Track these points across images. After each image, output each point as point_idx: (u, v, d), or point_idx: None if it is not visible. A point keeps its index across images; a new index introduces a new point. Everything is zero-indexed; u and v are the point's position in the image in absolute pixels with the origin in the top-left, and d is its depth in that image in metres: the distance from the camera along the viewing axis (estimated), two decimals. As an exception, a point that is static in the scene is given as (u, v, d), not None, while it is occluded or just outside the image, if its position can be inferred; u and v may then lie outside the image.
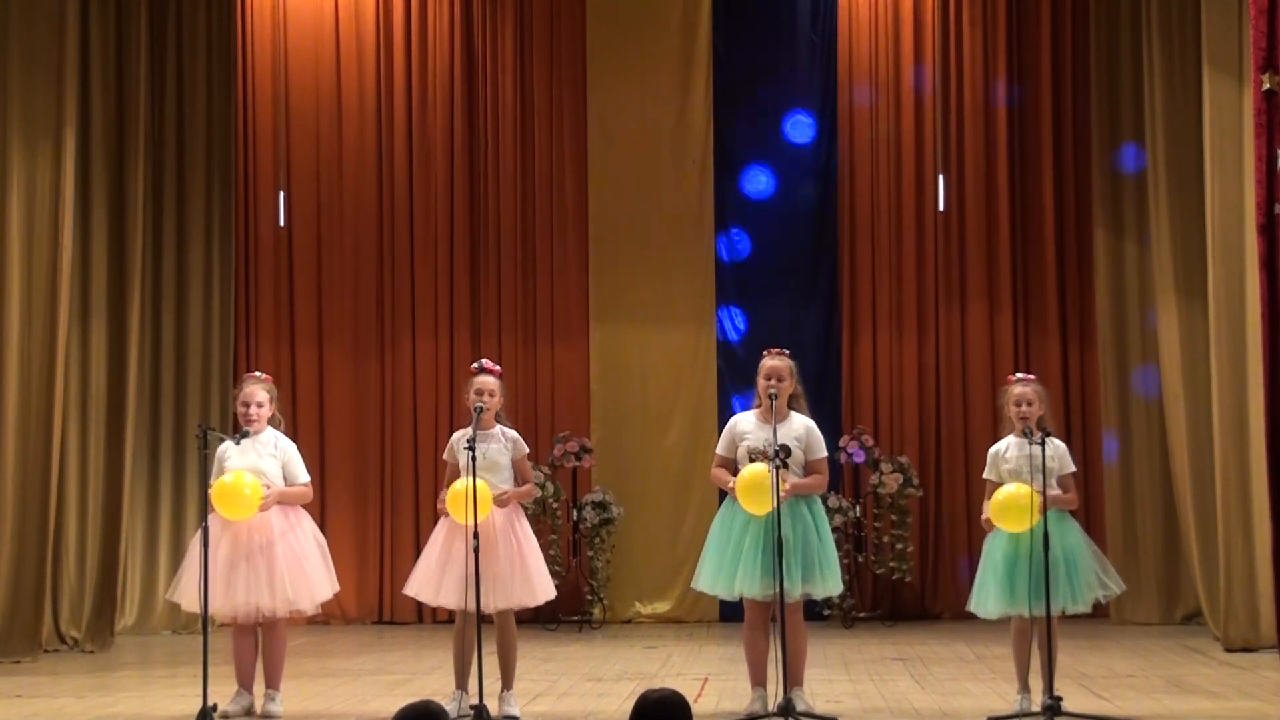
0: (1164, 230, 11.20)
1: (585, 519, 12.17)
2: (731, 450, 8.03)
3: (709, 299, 12.77)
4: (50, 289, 10.53)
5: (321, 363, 12.82)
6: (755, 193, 12.84)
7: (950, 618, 12.05)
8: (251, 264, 12.83)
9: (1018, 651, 7.88)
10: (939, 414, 12.62)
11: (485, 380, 8.13)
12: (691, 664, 10.13)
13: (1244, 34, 9.75)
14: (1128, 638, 11.07)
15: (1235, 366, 10.16)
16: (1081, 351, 12.52)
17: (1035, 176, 12.66)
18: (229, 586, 7.95)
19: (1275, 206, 8.63)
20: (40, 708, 8.54)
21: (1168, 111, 11.23)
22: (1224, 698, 8.42)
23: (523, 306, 12.83)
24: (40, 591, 10.47)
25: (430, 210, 12.84)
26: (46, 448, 10.46)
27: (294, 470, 8.25)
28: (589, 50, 12.88)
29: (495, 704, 7.88)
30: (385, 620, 12.57)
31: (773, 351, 8.10)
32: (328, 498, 12.49)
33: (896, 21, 12.78)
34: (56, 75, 10.59)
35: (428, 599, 8.14)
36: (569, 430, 12.44)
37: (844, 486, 12.23)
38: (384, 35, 12.88)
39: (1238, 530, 10.19)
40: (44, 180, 10.56)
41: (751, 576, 7.79)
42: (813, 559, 7.86)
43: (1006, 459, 7.94)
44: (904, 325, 12.66)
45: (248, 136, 12.81)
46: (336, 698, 8.84)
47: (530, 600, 8.10)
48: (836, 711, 8.01)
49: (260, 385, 8.32)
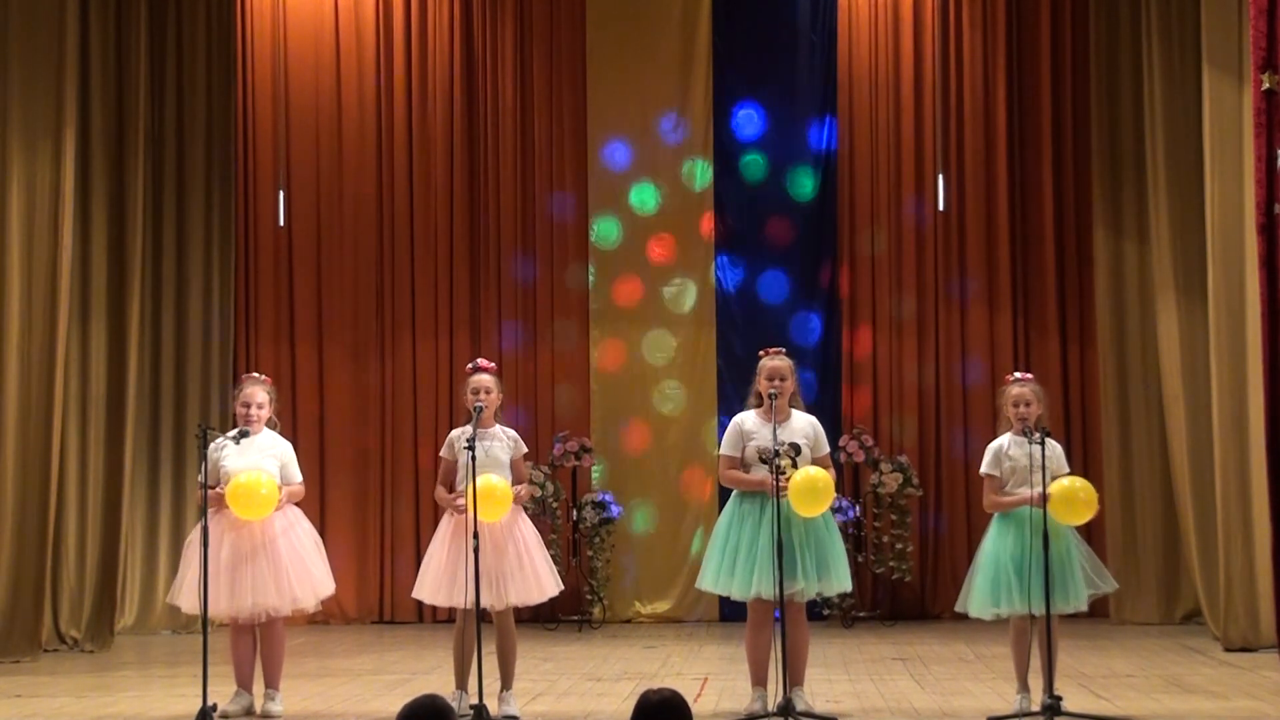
0: (1164, 230, 11.21)
1: (585, 519, 12.17)
2: (739, 450, 8.03)
3: (709, 299, 12.77)
4: (50, 289, 10.53)
5: (321, 363, 12.83)
6: (755, 192, 12.83)
7: (950, 618, 12.03)
8: (251, 264, 12.83)
9: (1017, 651, 7.88)
10: (939, 414, 12.62)
11: (481, 379, 8.14)
12: (691, 664, 10.13)
13: (1244, 34, 9.75)
14: (1128, 638, 11.07)
15: (1235, 366, 10.16)
16: (1081, 351, 12.52)
17: (1035, 176, 12.66)
18: (234, 586, 7.95)
19: (1275, 206, 8.63)
20: (40, 708, 8.54)
21: (1168, 111, 11.23)
22: (1224, 698, 8.42)
23: (523, 306, 12.83)
24: (40, 591, 10.48)
25: (430, 210, 12.84)
26: (46, 448, 10.46)
27: (291, 471, 8.29)
28: (589, 50, 12.88)
29: (495, 704, 7.89)
30: (385, 620, 12.57)
31: (771, 352, 8.11)
32: (328, 498, 12.50)
33: (896, 21, 12.78)
34: (56, 75, 10.59)
35: (442, 601, 8.09)
36: (569, 430, 12.44)
37: (844, 486, 12.23)
38: (384, 35, 12.89)
39: (1238, 530, 10.19)
40: (44, 180, 10.57)
41: (766, 576, 7.78)
42: (826, 557, 7.88)
43: (1010, 455, 7.94)
44: (904, 325, 12.66)
45: (248, 136, 12.81)
46: (336, 698, 8.84)
47: (540, 596, 8.12)
48: (836, 711, 8.01)
49: (260, 386, 8.33)
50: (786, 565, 7.70)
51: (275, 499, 8.01)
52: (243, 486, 7.94)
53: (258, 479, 7.97)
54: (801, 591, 7.82)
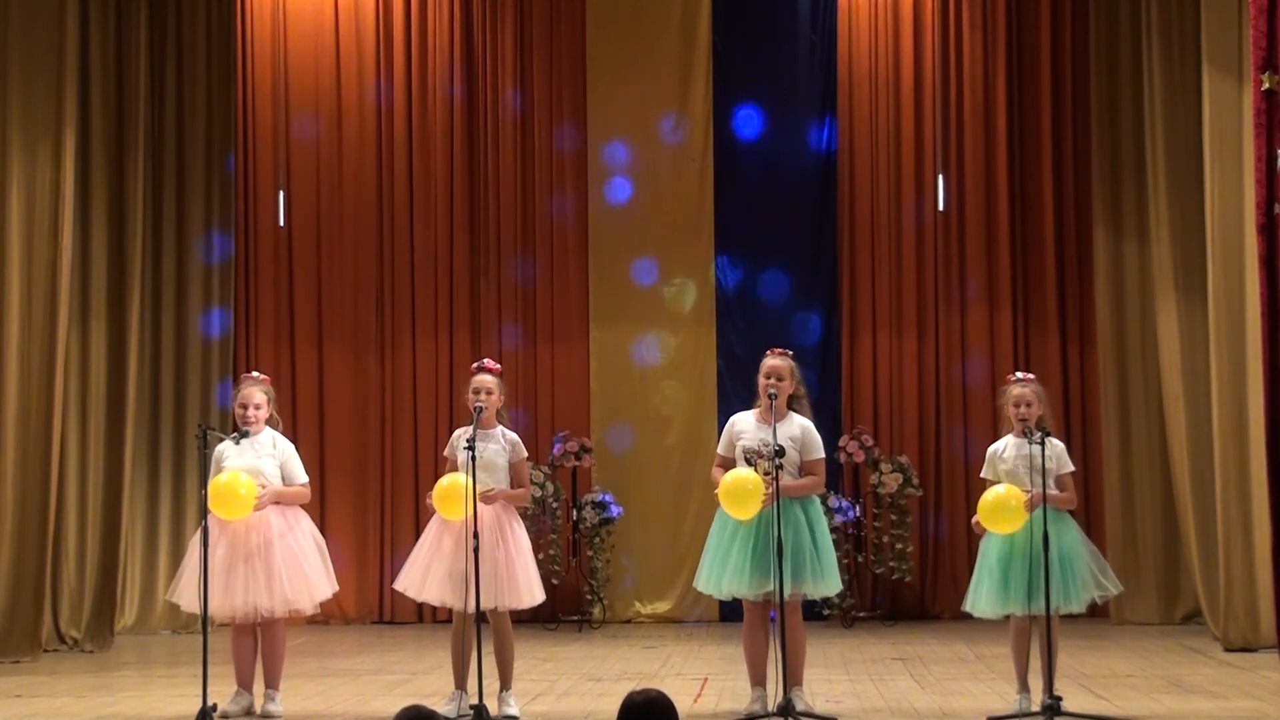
0: (1164, 230, 11.21)
1: (585, 519, 12.17)
2: (730, 449, 8.04)
3: (709, 298, 12.78)
4: (50, 289, 10.53)
5: (321, 363, 12.83)
6: (755, 192, 12.82)
7: (950, 618, 12.04)
8: (251, 264, 12.83)
9: (1017, 651, 7.88)
10: (939, 414, 12.62)
11: (483, 379, 8.13)
12: (691, 664, 10.12)
13: (1244, 34, 9.75)
14: (1128, 638, 11.07)
15: (1235, 366, 10.16)
16: (1081, 351, 12.52)
17: (1035, 176, 12.66)
18: (227, 587, 7.95)
19: (1275, 206, 8.63)
20: (40, 708, 8.54)
21: (1168, 111, 11.23)
22: (1224, 698, 8.42)
23: (523, 306, 12.83)
24: (40, 591, 10.48)
25: (430, 210, 12.84)
26: (46, 448, 10.45)
27: (292, 470, 8.26)
28: (589, 50, 12.88)
29: (494, 704, 7.88)
30: (385, 620, 12.57)
31: (774, 351, 8.10)
32: (328, 498, 12.50)
33: (896, 21, 12.78)
34: (56, 75, 10.59)
35: (414, 594, 8.13)
36: (569, 430, 12.44)
37: (844, 486, 12.23)
38: (384, 35, 12.89)
39: (1237, 530, 10.19)
40: (44, 180, 10.56)
41: (740, 577, 7.79)
42: (803, 559, 7.82)
43: (1004, 458, 7.96)
44: (904, 325, 12.66)
45: (248, 136, 12.81)
46: (336, 698, 8.84)
47: (515, 603, 8.03)
48: (836, 711, 8.01)
49: (258, 387, 8.32)
50: (767, 566, 7.67)
51: (254, 498, 7.98)
52: (221, 486, 7.94)
53: (235, 479, 7.96)
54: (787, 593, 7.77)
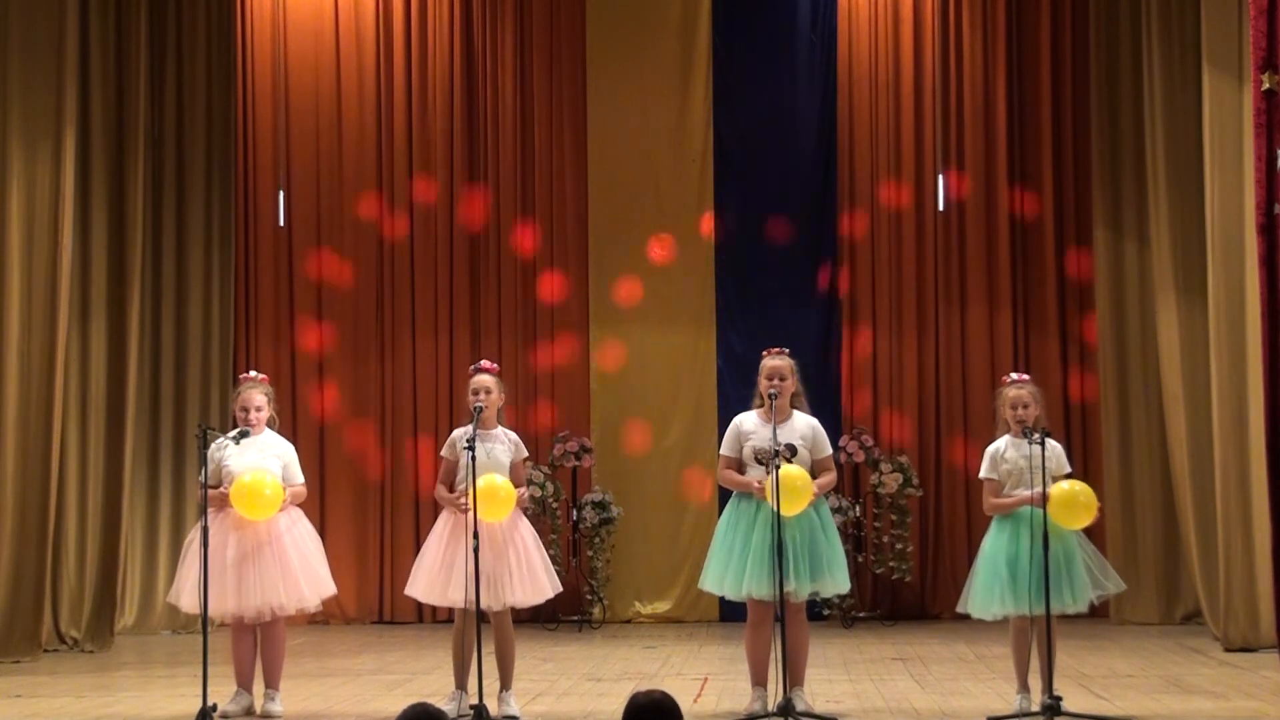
0: (1164, 230, 11.20)
1: (585, 519, 12.17)
2: (737, 450, 8.03)
3: (709, 298, 12.78)
4: (50, 289, 10.53)
5: (321, 363, 12.83)
6: (755, 192, 12.82)
7: (950, 618, 12.03)
8: (251, 264, 12.83)
9: (1017, 651, 7.87)
10: (939, 414, 12.62)
11: (482, 379, 8.14)
12: (691, 664, 10.12)
13: (1244, 34, 9.75)
14: (1128, 638, 11.07)
15: (1235, 366, 10.16)
16: (1081, 351, 12.52)
17: (1035, 176, 12.66)
18: (241, 585, 7.93)
19: (1275, 206, 8.63)
20: (40, 708, 8.54)
21: (1168, 111, 11.23)
22: (1224, 698, 8.42)
23: (523, 306, 12.83)
24: (40, 591, 10.47)
25: (430, 209, 12.84)
26: (46, 448, 10.45)
27: (293, 471, 8.28)
28: (589, 50, 12.88)
29: (495, 704, 7.88)
30: (385, 620, 12.57)
31: (773, 351, 8.10)
32: (328, 498, 12.50)
33: (896, 21, 12.79)
34: (56, 75, 10.59)
35: (435, 600, 8.09)
36: (569, 430, 12.44)
37: (844, 486, 12.23)
38: (384, 35, 12.89)
39: (1237, 530, 10.19)
40: (44, 180, 10.56)
41: (760, 576, 7.78)
42: (821, 558, 7.87)
43: (1005, 459, 7.95)
44: (904, 325, 12.66)
45: (248, 136, 12.82)
46: (336, 698, 8.84)
47: (539, 597, 8.09)
48: (836, 711, 8.01)
49: (258, 388, 8.32)
50: (785, 566, 7.68)
51: (280, 500, 7.99)
52: (247, 487, 7.91)
53: (262, 480, 7.95)
54: (795, 592, 7.81)
